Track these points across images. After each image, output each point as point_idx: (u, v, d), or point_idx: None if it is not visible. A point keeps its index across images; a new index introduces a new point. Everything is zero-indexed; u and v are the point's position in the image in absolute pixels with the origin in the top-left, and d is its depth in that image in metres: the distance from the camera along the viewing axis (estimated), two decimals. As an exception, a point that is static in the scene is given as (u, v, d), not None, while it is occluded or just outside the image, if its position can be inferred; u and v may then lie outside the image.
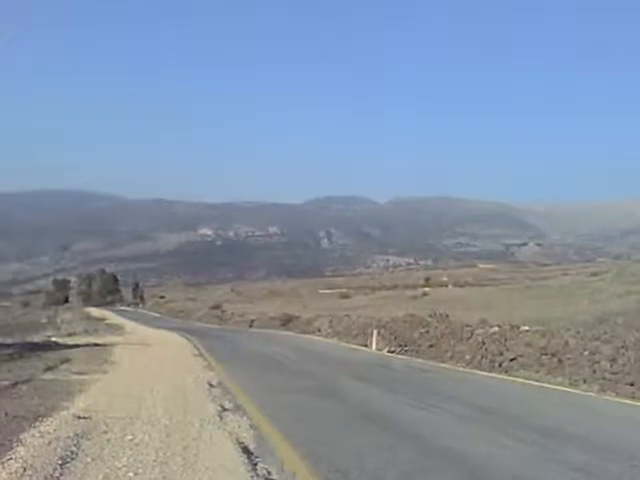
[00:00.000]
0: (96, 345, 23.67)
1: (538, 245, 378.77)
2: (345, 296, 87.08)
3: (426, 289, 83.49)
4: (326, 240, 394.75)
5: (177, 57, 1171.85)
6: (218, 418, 8.68)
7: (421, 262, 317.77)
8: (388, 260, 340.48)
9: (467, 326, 20.21)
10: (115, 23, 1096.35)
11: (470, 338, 18.39)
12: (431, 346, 19.42)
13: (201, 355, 19.89)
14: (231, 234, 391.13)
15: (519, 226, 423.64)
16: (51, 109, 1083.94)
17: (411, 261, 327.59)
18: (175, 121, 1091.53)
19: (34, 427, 7.88)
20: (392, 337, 21.97)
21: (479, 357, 16.45)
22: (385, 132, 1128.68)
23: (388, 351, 20.81)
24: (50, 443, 6.98)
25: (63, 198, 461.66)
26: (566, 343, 14.79)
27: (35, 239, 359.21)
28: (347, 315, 34.23)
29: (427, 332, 21.02)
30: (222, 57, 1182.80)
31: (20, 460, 6.22)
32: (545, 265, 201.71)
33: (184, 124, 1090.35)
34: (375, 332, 22.79)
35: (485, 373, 14.87)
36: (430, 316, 24.13)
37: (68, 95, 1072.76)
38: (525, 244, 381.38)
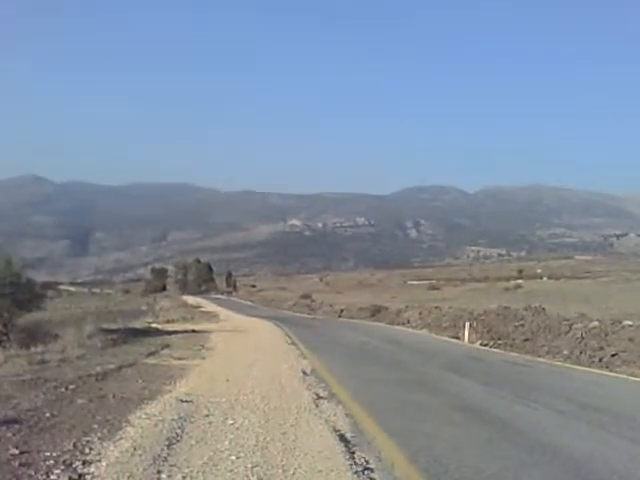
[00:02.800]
0: (193, 332, 24.58)
1: (639, 236, 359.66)
2: (434, 287, 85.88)
3: (519, 281, 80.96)
4: (414, 231, 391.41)
5: (270, 59, 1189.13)
6: (314, 405, 8.81)
7: (513, 253, 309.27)
8: (478, 251, 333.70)
9: (565, 320, 19.58)
10: (213, 30, 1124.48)
11: (568, 332, 17.81)
12: (526, 340, 18.90)
13: (293, 343, 20.18)
14: (319, 225, 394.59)
15: (618, 215, 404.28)
16: (154, 107, 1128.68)
17: (503, 252, 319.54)
18: (265, 116, 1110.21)
19: (140, 409, 8.30)
20: (485, 330, 21.54)
21: (578, 352, 15.87)
22: (474, 120, 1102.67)
23: (481, 344, 20.40)
24: (156, 425, 7.33)
25: (160, 191, 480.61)
26: (673, 339, 14.08)
27: (134, 229, 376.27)
28: (437, 307, 33.78)
29: (522, 325, 20.51)
30: (309, 58, 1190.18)
31: (130, 440, 6.58)
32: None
33: (273, 119, 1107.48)
34: (467, 324, 22.42)
35: (584, 368, 14.31)
36: (525, 309, 23.51)
37: (172, 94, 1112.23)
38: (625, 235, 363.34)
